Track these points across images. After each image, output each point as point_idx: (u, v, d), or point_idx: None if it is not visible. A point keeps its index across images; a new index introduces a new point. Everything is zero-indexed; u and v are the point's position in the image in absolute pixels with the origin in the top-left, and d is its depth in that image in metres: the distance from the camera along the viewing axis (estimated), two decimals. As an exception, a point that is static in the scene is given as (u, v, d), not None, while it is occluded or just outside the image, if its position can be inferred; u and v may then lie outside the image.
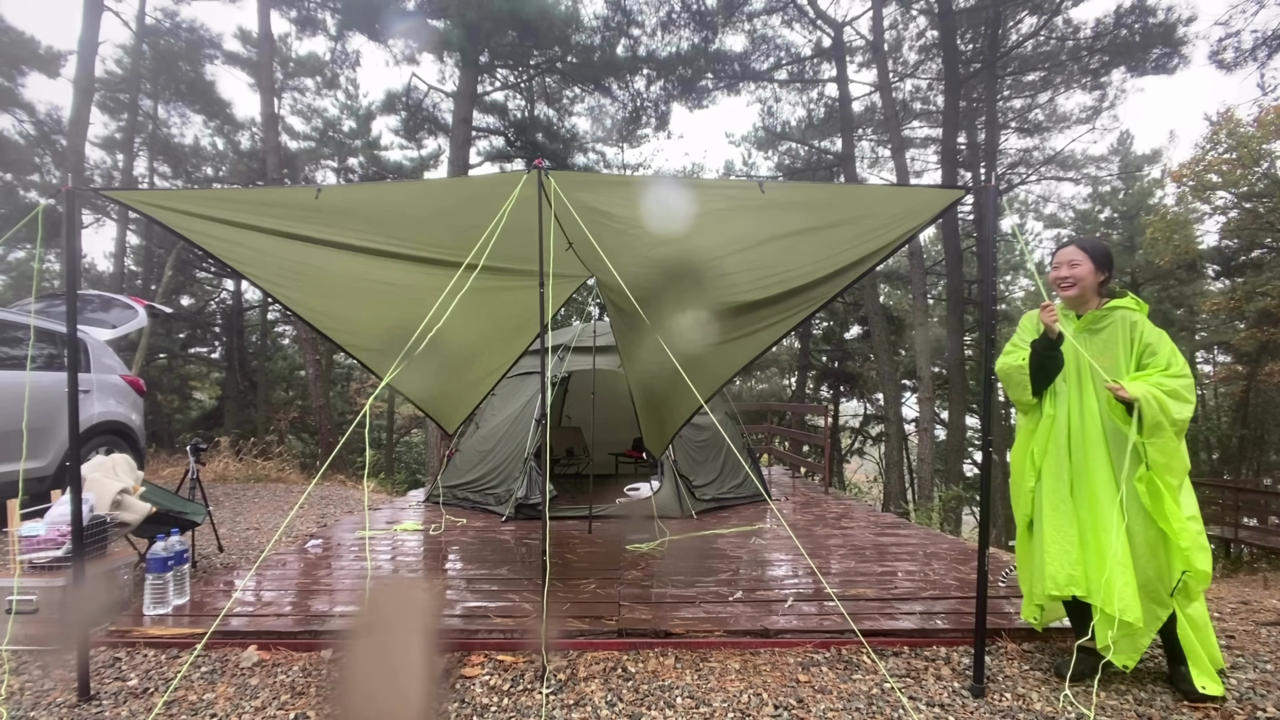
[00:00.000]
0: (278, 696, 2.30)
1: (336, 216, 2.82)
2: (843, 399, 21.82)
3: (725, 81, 14.65)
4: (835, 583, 3.44)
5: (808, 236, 2.69)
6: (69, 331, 2.37)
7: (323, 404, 11.65)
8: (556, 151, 14.59)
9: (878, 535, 4.71)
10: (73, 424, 2.37)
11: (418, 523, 5.02)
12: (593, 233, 2.60)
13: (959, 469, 13.69)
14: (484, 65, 13.09)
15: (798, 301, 3.01)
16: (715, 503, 5.50)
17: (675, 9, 13.39)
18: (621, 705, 2.22)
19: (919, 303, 12.08)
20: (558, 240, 3.04)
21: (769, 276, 2.87)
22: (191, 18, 15.07)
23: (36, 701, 2.26)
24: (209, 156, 17.11)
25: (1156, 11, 12.66)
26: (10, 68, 13.13)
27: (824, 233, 2.65)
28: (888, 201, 2.63)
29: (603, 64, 13.21)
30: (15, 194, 14.52)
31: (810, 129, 16.74)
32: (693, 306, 3.13)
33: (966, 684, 2.34)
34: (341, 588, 3.40)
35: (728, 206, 2.67)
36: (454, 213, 2.85)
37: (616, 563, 3.81)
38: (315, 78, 17.24)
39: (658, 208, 2.65)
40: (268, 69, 11.87)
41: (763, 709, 2.19)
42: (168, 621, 2.85)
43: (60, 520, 2.85)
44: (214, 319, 17.92)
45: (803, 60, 15.16)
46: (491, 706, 2.22)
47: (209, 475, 8.40)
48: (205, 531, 4.99)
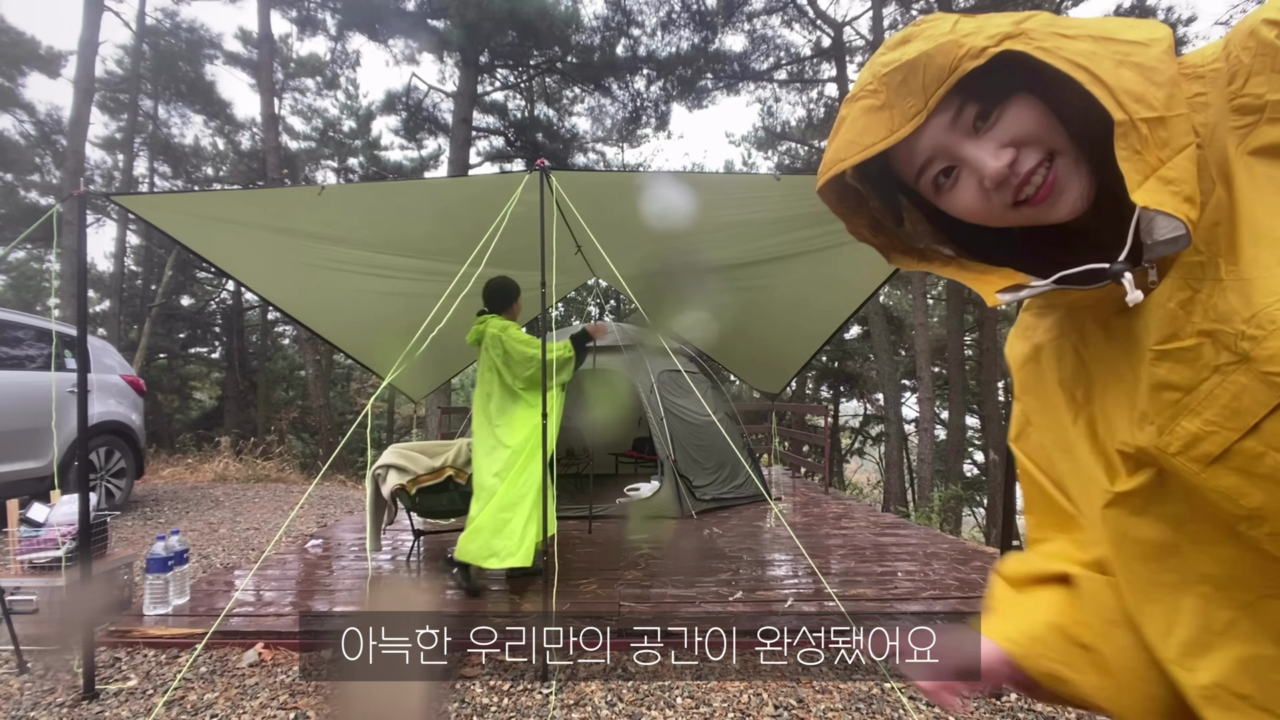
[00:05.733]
0: (277, 696, 2.30)
1: (340, 219, 2.83)
2: (843, 399, 21.83)
3: (725, 81, 14.64)
4: (835, 583, 3.44)
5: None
6: (79, 334, 2.38)
7: (323, 404, 11.65)
8: (556, 151, 14.57)
9: (878, 535, 4.71)
10: (81, 424, 2.39)
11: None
12: (600, 230, 2.61)
13: (959, 469, 13.69)
14: (484, 65, 13.09)
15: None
16: (715, 503, 5.50)
17: (675, 9, 13.39)
18: (621, 705, 2.22)
19: (919, 303, 12.08)
20: (565, 244, 3.06)
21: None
22: (191, 18, 15.12)
23: (36, 702, 2.26)
24: (209, 157, 17.10)
25: (1157, 11, 12.67)
26: (10, 68, 13.13)
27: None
28: None
29: (603, 64, 13.21)
30: (15, 194, 14.52)
31: (810, 129, 16.73)
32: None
33: (966, 684, 2.35)
34: (341, 588, 3.40)
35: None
36: (457, 216, 2.86)
37: (616, 563, 3.81)
38: (315, 78, 17.23)
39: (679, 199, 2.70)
40: (268, 69, 11.87)
41: (763, 709, 2.19)
42: (168, 621, 2.85)
43: (61, 520, 2.85)
44: (214, 319, 17.92)
45: (802, 60, 15.16)
46: (491, 706, 2.22)
47: (209, 475, 8.41)
48: (205, 532, 4.99)
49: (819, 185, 0.59)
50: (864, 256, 3.33)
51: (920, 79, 0.50)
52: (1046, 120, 0.51)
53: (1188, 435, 0.47)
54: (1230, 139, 0.47)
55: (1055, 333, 0.61)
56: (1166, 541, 0.53)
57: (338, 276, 3.44)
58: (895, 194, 0.63)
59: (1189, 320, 0.47)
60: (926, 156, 0.55)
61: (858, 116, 0.54)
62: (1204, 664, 0.50)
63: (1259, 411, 0.44)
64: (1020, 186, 0.52)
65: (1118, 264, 0.49)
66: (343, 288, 3.58)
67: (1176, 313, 0.48)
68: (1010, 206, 0.53)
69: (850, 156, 0.54)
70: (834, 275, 3.58)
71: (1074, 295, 0.53)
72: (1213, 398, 0.46)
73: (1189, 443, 0.47)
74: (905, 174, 0.58)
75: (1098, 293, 0.52)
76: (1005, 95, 0.52)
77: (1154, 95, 0.46)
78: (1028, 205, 0.53)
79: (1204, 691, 0.50)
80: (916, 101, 0.51)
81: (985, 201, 0.54)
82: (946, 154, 0.54)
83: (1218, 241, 0.47)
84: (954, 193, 0.56)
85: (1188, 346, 0.47)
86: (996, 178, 0.52)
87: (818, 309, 3.96)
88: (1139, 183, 0.46)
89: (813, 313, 4.02)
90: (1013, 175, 0.52)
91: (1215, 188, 0.47)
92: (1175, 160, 0.45)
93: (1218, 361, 0.46)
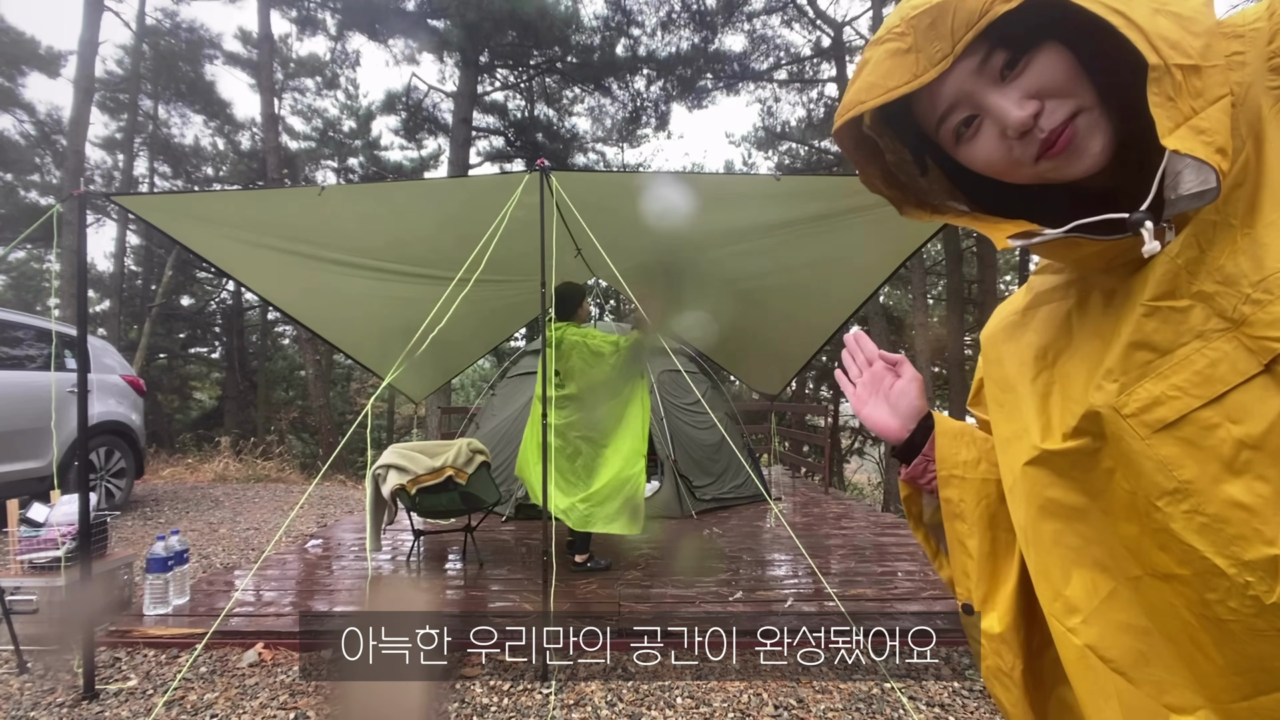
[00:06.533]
0: (277, 696, 2.30)
1: (340, 219, 2.84)
2: (843, 399, 21.78)
3: (725, 81, 14.63)
4: (835, 582, 3.44)
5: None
6: (79, 334, 2.38)
7: (323, 404, 11.65)
8: (556, 151, 14.57)
9: (878, 535, 4.71)
10: (81, 424, 2.39)
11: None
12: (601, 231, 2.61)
13: (959, 469, 13.66)
14: (484, 65, 13.09)
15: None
16: (715, 503, 5.50)
17: (675, 9, 13.39)
18: (621, 705, 2.22)
19: (919, 303, 12.08)
20: (565, 247, 3.06)
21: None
22: (191, 18, 15.13)
23: (36, 702, 2.26)
24: (209, 157, 17.09)
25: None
26: (10, 68, 13.12)
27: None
28: None
29: (603, 64, 13.20)
30: (15, 194, 14.51)
31: (810, 129, 16.71)
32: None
33: (967, 684, 2.34)
34: (341, 588, 3.40)
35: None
36: (457, 216, 2.86)
37: (617, 563, 3.81)
38: (315, 78, 17.22)
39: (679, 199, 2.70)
40: (268, 69, 11.87)
41: (763, 709, 2.19)
42: (168, 621, 2.85)
43: (61, 520, 2.85)
44: (214, 319, 17.92)
45: (802, 60, 15.15)
46: (491, 706, 2.22)
47: (209, 475, 8.41)
48: (205, 532, 5.00)
49: (835, 127, 0.58)
50: (864, 257, 3.34)
51: (949, 22, 0.49)
52: (1074, 72, 0.51)
53: (1148, 398, 0.48)
54: (1265, 99, 0.47)
55: (1057, 297, 0.61)
56: (1078, 507, 0.55)
57: (338, 276, 3.44)
58: (914, 145, 0.62)
59: (1190, 281, 0.47)
60: (949, 104, 0.54)
61: (881, 59, 0.53)
62: (1084, 627, 0.54)
63: (1232, 380, 0.44)
64: (1044, 142, 0.51)
65: (1138, 213, 0.48)
66: (343, 288, 3.59)
67: (1180, 272, 0.48)
68: (1031, 161, 0.53)
69: (870, 99, 0.53)
70: (834, 275, 3.59)
71: (1087, 250, 0.52)
72: (1186, 363, 0.46)
73: (1146, 405, 0.48)
74: (926, 122, 0.58)
75: (1109, 252, 0.51)
76: (1034, 43, 0.51)
77: (1190, 44, 0.45)
78: (1047, 158, 0.52)
79: (1078, 651, 0.54)
80: (944, 45, 0.50)
81: (1006, 153, 0.53)
82: (970, 102, 0.53)
83: (1237, 203, 0.46)
84: (974, 143, 0.55)
85: (1180, 307, 0.47)
86: (1020, 127, 0.51)
87: (817, 309, 3.97)
88: (1170, 129, 0.45)
89: (812, 313, 4.03)
90: (1037, 129, 0.51)
91: (1245, 147, 0.47)
92: (1209, 111, 0.45)
93: (1204, 327, 0.46)
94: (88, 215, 16.61)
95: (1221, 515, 0.45)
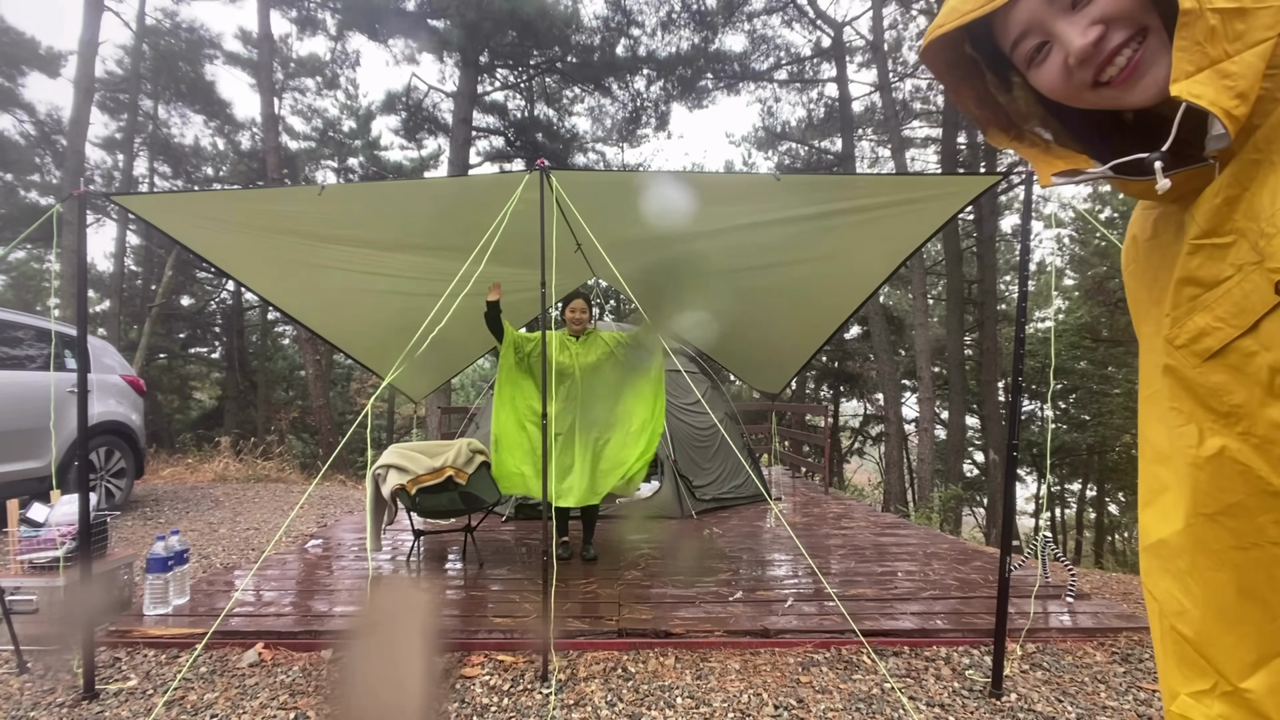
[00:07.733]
0: (277, 696, 2.30)
1: (340, 218, 2.83)
2: (843, 399, 21.82)
3: (725, 81, 14.63)
4: (835, 583, 3.44)
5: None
6: (79, 334, 2.38)
7: (323, 404, 11.65)
8: (556, 151, 14.57)
9: (878, 535, 4.71)
10: (81, 424, 2.38)
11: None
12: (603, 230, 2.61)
13: (959, 469, 13.67)
14: (484, 65, 13.08)
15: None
16: (715, 503, 5.50)
17: (675, 9, 13.38)
18: (621, 705, 2.22)
19: (919, 303, 12.08)
20: (565, 242, 3.06)
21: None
22: (191, 18, 15.12)
23: (36, 702, 2.26)
24: (209, 157, 17.09)
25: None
26: (10, 68, 13.12)
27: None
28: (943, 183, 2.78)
29: (603, 64, 13.20)
30: (15, 194, 14.51)
31: (810, 129, 16.72)
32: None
33: (966, 684, 2.34)
34: (341, 588, 3.40)
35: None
36: (457, 215, 2.86)
37: (616, 563, 3.81)
38: (315, 78, 17.22)
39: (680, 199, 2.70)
40: (268, 69, 11.87)
41: (763, 709, 2.19)
42: (168, 621, 2.85)
43: (61, 520, 2.85)
44: (214, 319, 17.91)
45: (802, 60, 15.15)
46: (491, 706, 2.21)
47: (209, 475, 8.41)
48: (205, 532, 5.00)
49: (921, 49, 0.60)
50: (863, 257, 3.33)
51: None
52: (1144, 3, 0.51)
53: (1196, 330, 0.50)
54: None
55: (1150, 232, 0.61)
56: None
57: (338, 276, 3.44)
58: (1006, 69, 0.62)
59: (1231, 218, 0.48)
60: (1021, 29, 0.55)
61: None
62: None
63: (1260, 310, 0.46)
64: (1103, 66, 0.51)
65: (1154, 154, 0.49)
66: (343, 287, 3.59)
67: (1221, 209, 0.49)
68: (1089, 87, 0.53)
69: (948, 23, 0.55)
70: (834, 275, 3.58)
71: (1133, 188, 0.53)
72: (1227, 295, 0.48)
73: (1195, 336, 0.50)
74: (1004, 46, 0.59)
75: (1154, 188, 0.51)
76: None
77: None
78: (1108, 87, 0.52)
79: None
80: None
81: (1066, 79, 0.54)
82: (1041, 28, 0.54)
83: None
84: (1041, 68, 0.56)
85: (1223, 243, 0.49)
86: (1081, 55, 0.51)
87: (817, 308, 3.96)
88: (1188, 73, 0.45)
89: (812, 312, 4.02)
90: (1097, 53, 0.51)
91: None
92: (1244, 55, 0.45)
93: (1242, 260, 0.47)
94: (88, 215, 16.65)
95: (1269, 437, 0.47)
